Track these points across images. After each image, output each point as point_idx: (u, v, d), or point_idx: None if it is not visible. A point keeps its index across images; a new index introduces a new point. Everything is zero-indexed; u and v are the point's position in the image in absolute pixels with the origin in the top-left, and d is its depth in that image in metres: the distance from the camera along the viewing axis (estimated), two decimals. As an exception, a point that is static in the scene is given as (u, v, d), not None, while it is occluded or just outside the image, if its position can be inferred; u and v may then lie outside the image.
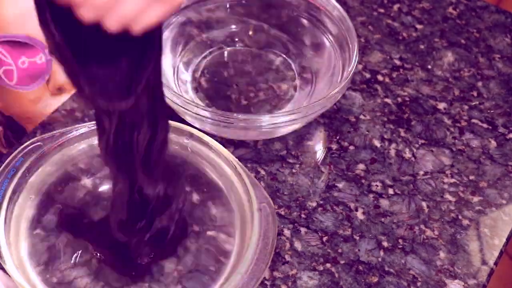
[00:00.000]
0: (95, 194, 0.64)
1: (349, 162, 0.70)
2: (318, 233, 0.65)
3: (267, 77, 0.76)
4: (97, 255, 0.60)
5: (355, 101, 0.75)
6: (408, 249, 0.64)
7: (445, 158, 0.71)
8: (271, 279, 0.62)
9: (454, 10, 0.86)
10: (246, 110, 0.73)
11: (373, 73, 0.78)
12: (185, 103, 0.64)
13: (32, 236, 0.60)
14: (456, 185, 0.69)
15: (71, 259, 0.60)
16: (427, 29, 0.83)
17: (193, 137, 0.63)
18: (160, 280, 0.60)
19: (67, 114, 0.71)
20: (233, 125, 0.64)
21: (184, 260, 0.61)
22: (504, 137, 0.73)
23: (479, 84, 0.78)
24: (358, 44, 0.70)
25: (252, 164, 0.69)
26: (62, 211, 0.62)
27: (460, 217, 0.67)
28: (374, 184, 0.68)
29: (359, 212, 0.66)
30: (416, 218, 0.66)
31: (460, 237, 0.65)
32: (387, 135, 0.73)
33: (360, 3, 0.85)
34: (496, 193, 0.69)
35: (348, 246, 0.64)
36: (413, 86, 0.77)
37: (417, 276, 0.62)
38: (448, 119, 0.74)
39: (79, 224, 0.62)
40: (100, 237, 0.60)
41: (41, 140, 0.61)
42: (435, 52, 0.81)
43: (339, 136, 0.72)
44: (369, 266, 0.63)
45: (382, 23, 0.83)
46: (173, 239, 0.59)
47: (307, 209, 0.66)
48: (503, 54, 0.81)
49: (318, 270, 0.62)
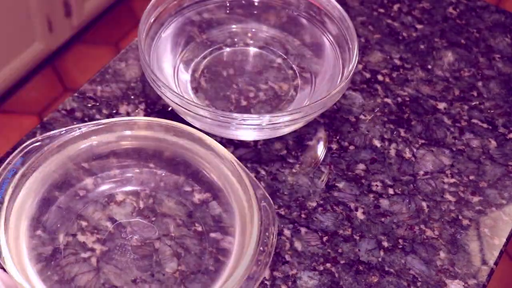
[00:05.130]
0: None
1: (349, 162, 0.70)
2: (318, 233, 0.65)
3: (267, 77, 0.76)
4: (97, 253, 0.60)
5: (355, 101, 0.75)
6: (408, 249, 0.64)
7: (445, 158, 0.71)
8: (271, 279, 0.62)
9: (454, 10, 0.86)
10: (246, 110, 0.73)
11: (373, 73, 0.78)
12: (185, 103, 0.64)
13: (32, 236, 0.60)
14: (456, 185, 0.69)
15: (71, 257, 0.60)
16: (427, 29, 0.83)
17: (193, 137, 0.63)
18: (160, 280, 0.60)
19: (67, 114, 0.71)
20: (233, 125, 0.64)
21: (185, 260, 0.61)
22: (504, 137, 0.73)
23: (479, 84, 0.78)
24: (358, 44, 0.70)
25: (252, 164, 0.69)
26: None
27: (460, 217, 0.67)
28: (374, 184, 0.68)
29: (359, 212, 0.66)
30: (416, 218, 0.66)
31: (460, 237, 0.65)
32: (387, 135, 0.73)
33: (360, 3, 0.85)
34: (496, 193, 0.69)
35: (348, 246, 0.64)
36: (413, 86, 0.77)
37: (417, 276, 0.62)
38: (448, 119, 0.74)
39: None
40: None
41: (41, 140, 0.61)
42: (435, 52, 0.81)
43: (339, 136, 0.72)
44: (369, 266, 0.63)
45: (382, 23, 0.83)
46: None
47: (307, 209, 0.66)
48: (503, 54, 0.81)
49: (318, 270, 0.62)
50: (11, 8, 1.42)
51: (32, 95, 1.63)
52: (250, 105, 0.73)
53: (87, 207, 0.63)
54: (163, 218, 0.63)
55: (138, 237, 0.62)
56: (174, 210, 0.64)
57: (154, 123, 0.64)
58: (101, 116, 0.71)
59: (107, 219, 0.63)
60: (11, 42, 1.48)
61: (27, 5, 1.45)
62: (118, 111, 0.72)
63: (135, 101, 0.73)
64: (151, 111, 0.72)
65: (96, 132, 0.63)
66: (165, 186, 0.65)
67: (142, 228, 0.63)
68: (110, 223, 0.63)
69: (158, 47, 0.73)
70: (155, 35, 0.72)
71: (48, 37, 1.56)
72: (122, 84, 0.74)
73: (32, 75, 1.64)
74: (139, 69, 0.76)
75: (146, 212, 0.64)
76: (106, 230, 0.62)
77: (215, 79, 0.75)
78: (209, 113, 0.64)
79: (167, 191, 0.65)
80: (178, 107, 0.65)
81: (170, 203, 0.64)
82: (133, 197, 0.64)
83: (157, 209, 0.64)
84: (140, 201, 0.64)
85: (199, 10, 0.78)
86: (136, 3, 1.83)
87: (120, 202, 0.64)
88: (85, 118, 0.71)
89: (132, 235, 0.62)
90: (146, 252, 0.61)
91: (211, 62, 0.77)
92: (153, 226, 0.63)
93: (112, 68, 0.76)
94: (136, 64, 0.76)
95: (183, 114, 0.67)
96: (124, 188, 0.65)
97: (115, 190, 0.65)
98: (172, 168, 0.66)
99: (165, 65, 0.74)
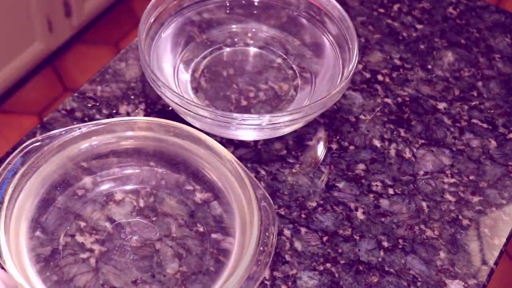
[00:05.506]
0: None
1: (349, 162, 0.70)
2: (318, 233, 0.65)
3: (267, 77, 0.76)
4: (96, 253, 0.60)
5: (355, 101, 0.75)
6: (408, 249, 0.64)
7: (445, 158, 0.71)
8: (271, 279, 0.61)
9: (454, 10, 0.86)
10: (246, 110, 0.73)
11: (373, 73, 0.78)
12: (185, 103, 0.64)
13: (32, 236, 0.60)
14: (456, 185, 0.69)
15: (70, 258, 0.60)
16: (427, 29, 0.83)
17: (193, 137, 0.63)
18: (161, 281, 0.60)
19: (67, 114, 0.71)
20: (233, 125, 0.64)
21: (186, 261, 0.61)
22: (504, 137, 0.73)
23: (479, 84, 0.78)
24: (358, 44, 0.70)
25: (252, 164, 0.69)
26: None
27: (460, 217, 0.67)
28: (374, 184, 0.68)
29: (359, 212, 0.66)
30: (416, 218, 0.66)
31: (460, 237, 0.65)
32: (387, 135, 0.73)
33: (360, 3, 0.85)
34: (496, 193, 0.69)
35: (348, 246, 0.64)
36: (413, 86, 0.77)
37: (417, 276, 0.62)
38: (448, 119, 0.74)
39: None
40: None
41: (41, 140, 0.61)
42: (435, 52, 0.81)
43: (339, 136, 0.72)
44: (369, 266, 0.63)
45: (382, 23, 0.83)
46: None
47: (307, 209, 0.66)
48: (503, 54, 0.81)
49: (318, 270, 0.62)
50: (11, 8, 1.42)
51: (32, 95, 1.63)
52: (250, 105, 0.73)
53: (85, 207, 0.63)
54: (164, 217, 0.63)
55: (138, 238, 0.62)
56: (176, 209, 0.64)
57: (154, 123, 0.64)
58: (101, 116, 0.71)
59: (106, 219, 0.63)
60: (11, 42, 1.48)
61: (27, 5, 1.45)
62: (118, 111, 0.72)
63: (135, 101, 0.73)
64: (151, 111, 0.72)
65: (96, 132, 0.63)
66: (166, 184, 0.65)
67: (142, 228, 0.63)
68: (109, 223, 0.63)
69: (158, 47, 0.73)
70: (155, 35, 0.72)
71: (48, 37, 1.56)
72: (122, 84, 0.74)
73: (32, 75, 1.64)
74: (139, 69, 0.76)
75: (146, 211, 0.64)
76: (105, 231, 0.62)
77: (215, 79, 0.75)
78: (209, 113, 0.64)
79: (168, 189, 0.65)
80: (178, 107, 0.65)
81: (172, 201, 0.64)
82: (133, 196, 0.64)
83: (158, 208, 0.64)
84: (140, 200, 0.64)
85: (199, 10, 0.78)
86: (136, 3, 1.83)
87: (119, 201, 0.64)
88: (85, 118, 0.71)
89: (131, 235, 0.62)
90: (147, 253, 0.61)
91: (211, 62, 0.77)
92: (154, 226, 0.63)
93: (112, 68, 0.76)
94: (136, 64, 0.76)
95: (183, 114, 0.67)
96: (124, 187, 0.65)
97: (115, 189, 0.65)
98: (172, 168, 0.66)
99: (165, 65, 0.74)
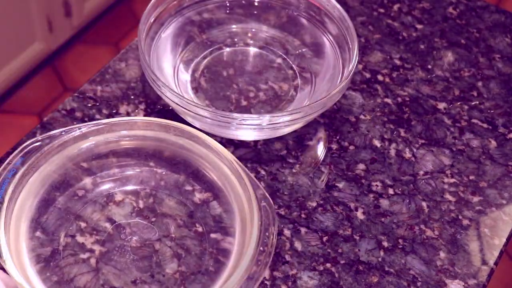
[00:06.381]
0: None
1: (349, 162, 0.70)
2: (318, 233, 0.65)
3: (267, 77, 0.76)
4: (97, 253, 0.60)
5: (355, 101, 0.75)
6: (408, 249, 0.64)
7: (445, 158, 0.71)
8: (271, 279, 0.61)
9: (454, 10, 0.86)
10: (246, 110, 0.73)
11: (373, 73, 0.78)
12: (185, 103, 0.64)
13: (32, 236, 0.60)
14: (456, 185, 0.69)
15: (70, 258, 0.60)
16: (427, 29, 0.83)
17: (193, 137, 0.63)
18: (161, 281, 0.60)
19: (67, 114, 0.71)
20: (233, 125, 0.64)
21: (185, 261, 0.61)
22: (504, 137, 0.73)
23: (479, 84, 0.78)
24: (358, 44, 0.70)
25: (252, 164, 0.69)
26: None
27: (460, 217, 0.67)
28: (374, 184, 0.68)
29: (359, 212, 0.66)
30: (416, 218, 0.66)
31: (460, 237, 0.65)
32: (387, 135, 0.73)
33: (360, 3, 0.85)
34: (496, 193, 0.69)
35: (348, 246, 0.64)
36: (413, 86, 0.77)
37: (417, 276, 0.62)
38: (448, 119, 0.74)
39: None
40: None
41: (41, 140, 0.61)
42: (435, 52, 0.81)
43: (339, 136, 0.72)
44: (369, 266, 0.63)
45: (382, 23, 0.83)
46: None
47: (307, 209, 0.66)
48: (503, 54, 0.81)
49: (318, 270, 0.62)
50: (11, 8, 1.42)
51: (32, 95, 1.63)
52: (250, 105, 0.73)
53: (86, 208, 0.63)
54: (163, 218, 0.63)
55: (138, 238, 0.62)
56: (175, 210, 0.64)
57: (154, 123, 0.64)
58: (101, 116, 0.71)
59: (106, 220, 0.63)
60: (11, 42, 1.48)
61: (27, 5, 1.45)
62: (118, 111, 0.72)
63: (135, 101, 0.73)
64: (151, 111, 0.72)
65: (96, 132, 0.63)
66: (165, 185, 0.65)
67: (141, 229, 0.63)
68: (109, 224, 0.63)
69: (158, 47, 0.73)
70: (155, 35, 0.72)
71: (48, 37, 1.56)
72: (122, 84, 0.74)
73: (32, 75, 1.64)
74: (139, 69, 0.76)
75: (146, 212, 0.64)
76: (105, 231, 0.62)
77: (215, 79, 0.75)
78: (209, 113, 0.64)
79: (168, 190, 0.65)
80: (178, 107, 0.65)
81: (171, 202, 0.64)
82: (132, 197, 0.64)
83: (157, 209, 0.64)
84: (140, 201, 0.64)
85: (199, 10, 0.78)
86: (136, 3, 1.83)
87: (119, 202, 0.64)
88: (85, 118, 0.71)
89: (131, 236, 0.62)
90: (146, 253, 0.61)
91: (211, 62, 0.77)
92: (153, 227, 0.63)
93: (112, 68, 0.76)
94: (136, 64, 0.76)
95: (183, 114, 0.67)
96: (124, 188, 0.65)
97: (115, 190, 0.65)
98: (172, 168, 0.66)
99: (165, 65, 0.74)
